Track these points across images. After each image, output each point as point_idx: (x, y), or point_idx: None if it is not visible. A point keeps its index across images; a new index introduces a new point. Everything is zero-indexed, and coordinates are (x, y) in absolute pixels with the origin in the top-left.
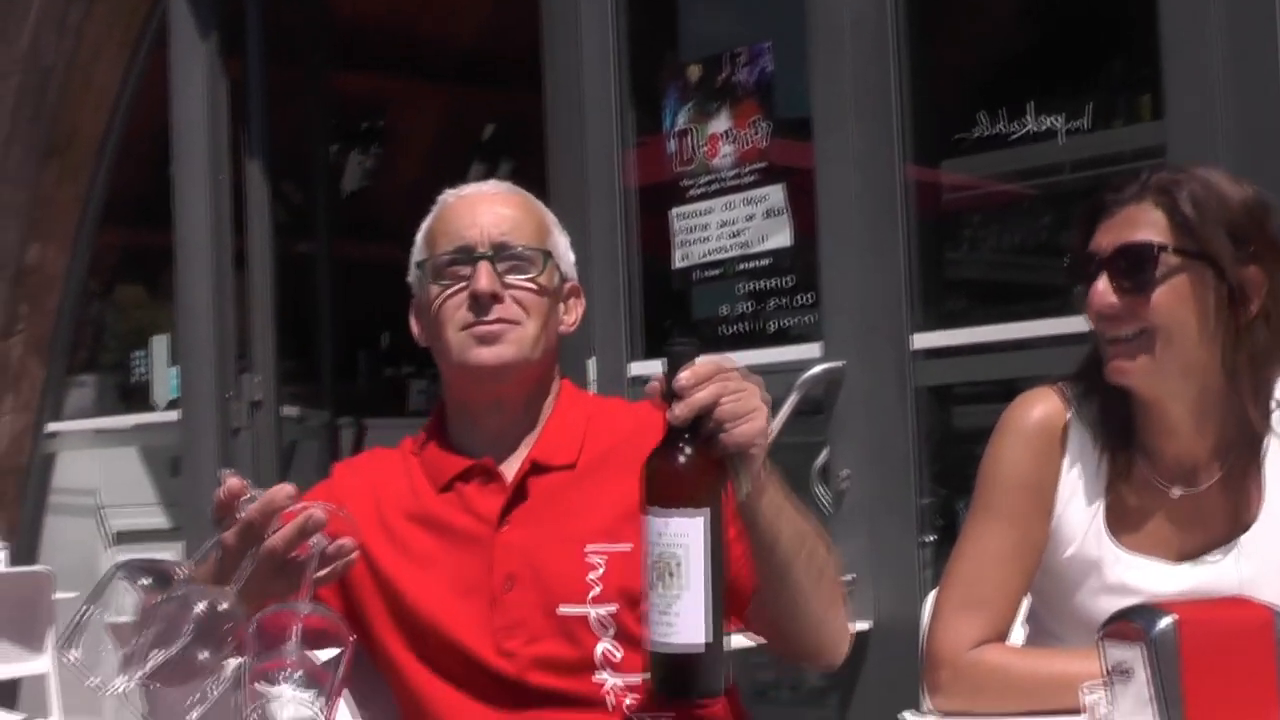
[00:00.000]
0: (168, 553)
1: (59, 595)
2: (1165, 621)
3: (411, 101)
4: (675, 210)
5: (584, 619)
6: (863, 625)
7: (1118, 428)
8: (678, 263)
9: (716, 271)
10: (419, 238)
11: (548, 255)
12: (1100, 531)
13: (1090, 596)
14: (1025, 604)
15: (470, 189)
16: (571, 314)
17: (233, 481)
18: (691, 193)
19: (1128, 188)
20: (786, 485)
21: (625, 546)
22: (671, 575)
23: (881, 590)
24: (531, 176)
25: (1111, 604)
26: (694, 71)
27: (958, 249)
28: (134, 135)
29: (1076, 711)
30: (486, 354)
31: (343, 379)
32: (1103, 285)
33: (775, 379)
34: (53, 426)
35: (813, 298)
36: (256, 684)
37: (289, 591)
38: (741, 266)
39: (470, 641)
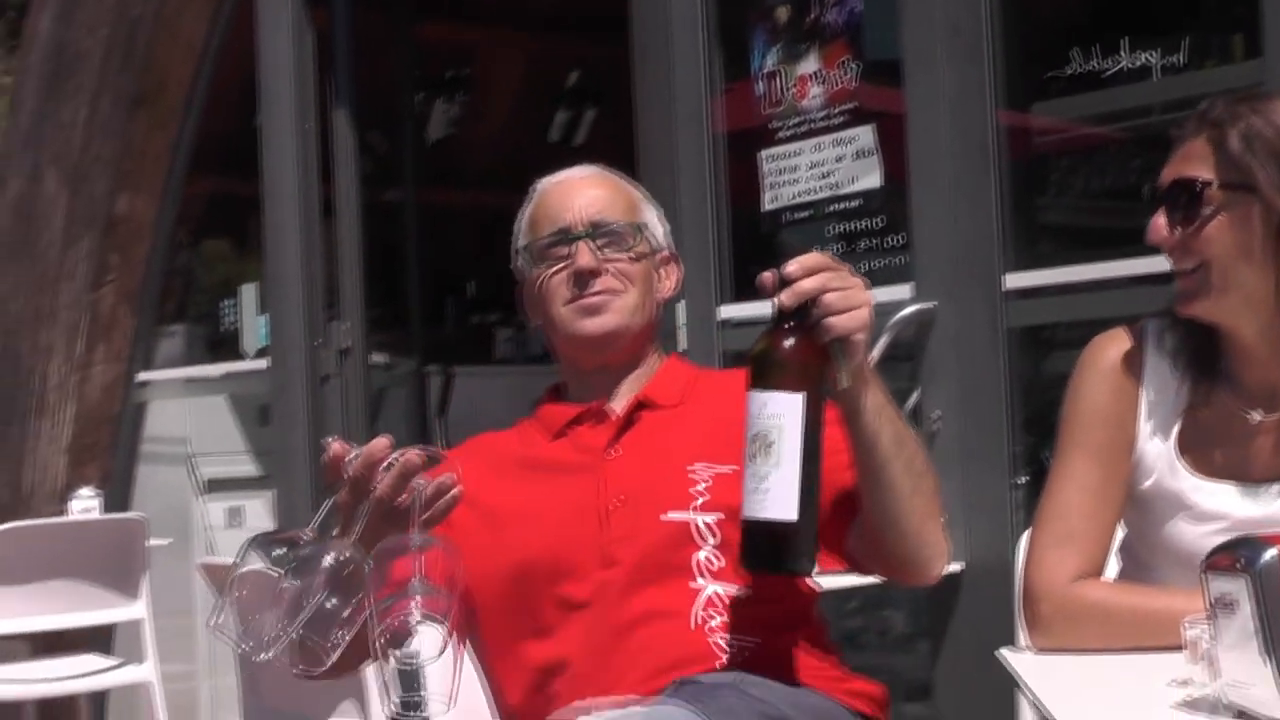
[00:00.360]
0: (258, 501)
1: (152, 542)
2: (1270, 553)
3: (497, 49)
4: (764, 153)
5: (687, 526)
6: (954, 567)
7: (1199, 357)
8: (767, 205)
9: (806, 214)
10: (519, 225)
11: (640, 228)
12: (1174, 461)
13: (1173, 525)
14: (1119, 537)
15: (563, 175)
16: (668, 281)
17: (335, 446)
18: (780, 135)
19: (1190, 122)
20: (888, 391)
21: (729, 468)
22: (768, 450)
23: (973, 532)
24: (618, 123)
25: (1193, 531)
26: (782, 13)
27: (1049, 191)
28: (221, 85)
29: (1176, 648)
30: (592, 324)
31: (430, 326)
32: (1159, 220)
33: None
34: (143, 376)
35: (903, 239)
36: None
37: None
38: (831, 208)
39: (578, 559)
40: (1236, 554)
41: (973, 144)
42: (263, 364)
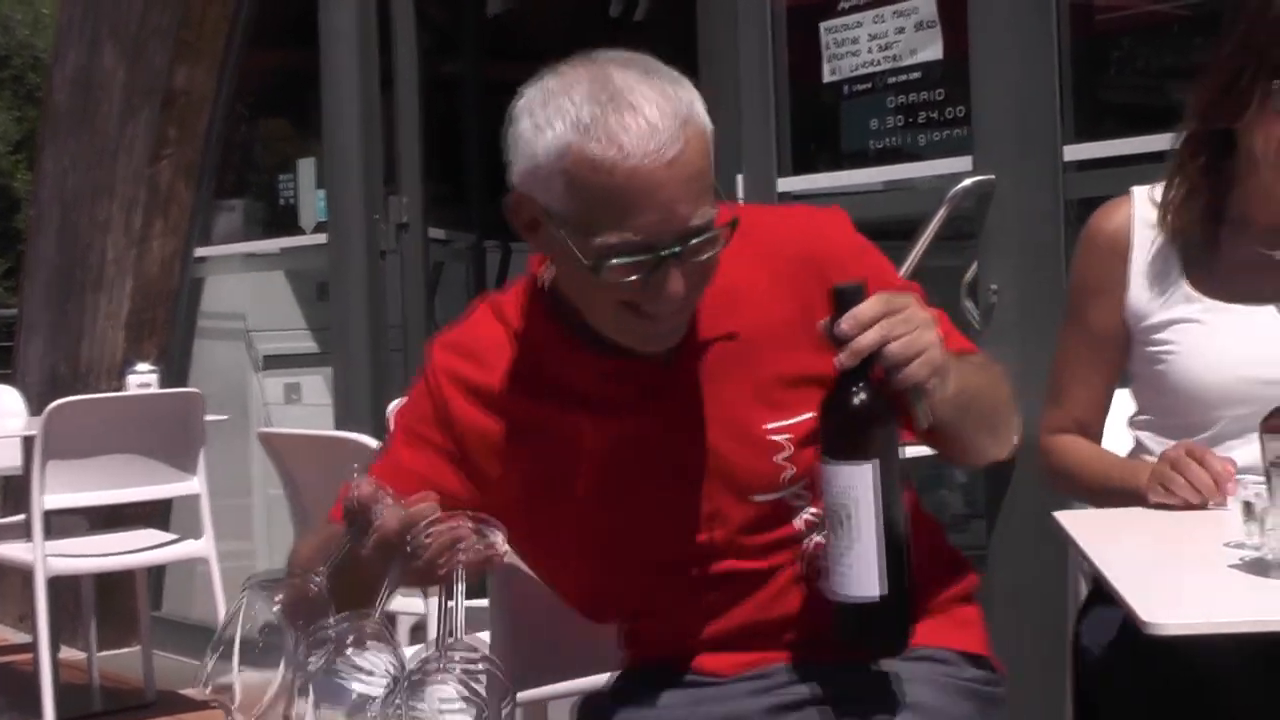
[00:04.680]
0: (316, 377)
1: (210, 417)
2: None
3: None
4: (824, 24)
5: (781, 502)
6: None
7: (1215, 208)
8: (827, 77)
9: (866, 85)
10: (560, 186)
11: (717, 195)
12: (1188, 291)
13: (1186, 356)
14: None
15: (638, 152)
16: None
17: (366, 488)
18: (841, 5)
19: None
20: (960, 365)
21: (805, 416)
22: (842, 526)
23: (1031, 405)
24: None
25: (1206, 358)
26: None
27: (1110, 65)
28: None
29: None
30: (655, 344)
31: (489, 201)
32: None
33: (924, 194)
34: (201, 251)
35: (963, 111)
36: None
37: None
38: (891, 80)
39: (659, 527)
40: None
41: (1034, 16)
42: (321, 239)
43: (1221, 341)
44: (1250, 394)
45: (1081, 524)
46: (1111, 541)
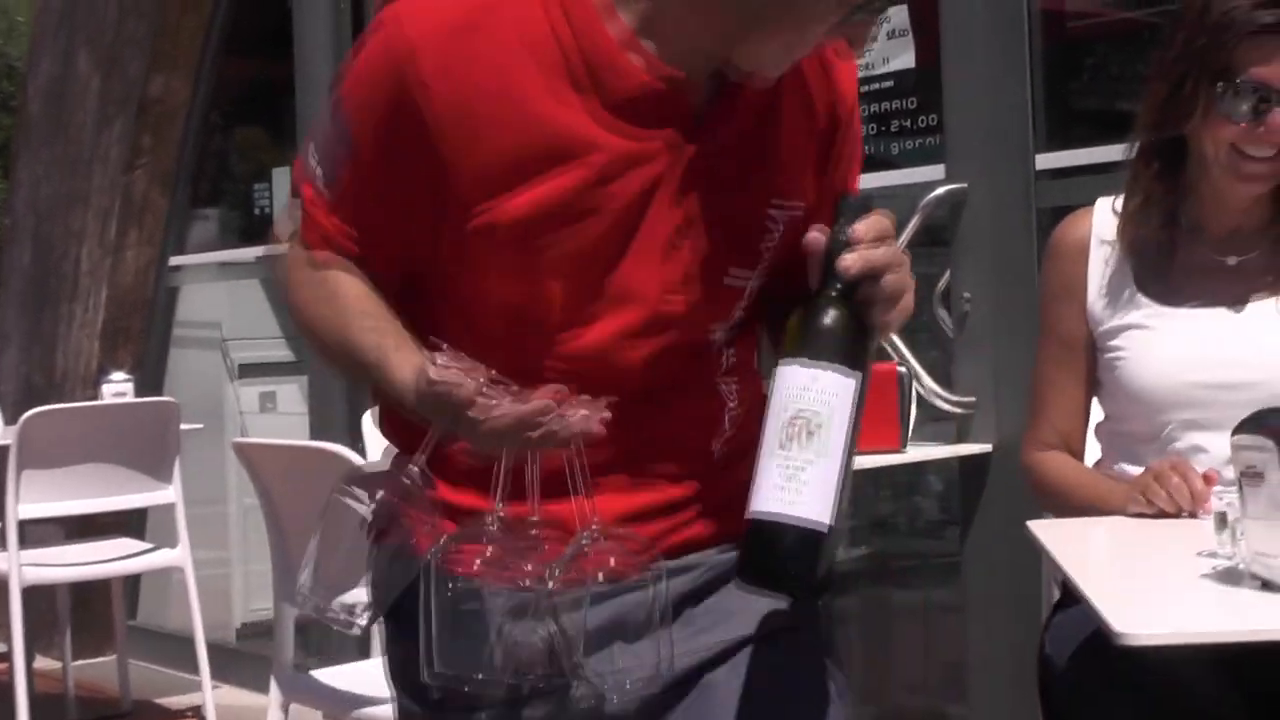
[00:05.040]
0: (292, 386)
1: (185, 426)
2: None
3: None
4: None
5: (741, 293)
6: (985, 447)
7: (1169, 215)
8: None
9: None
10: None
11: None
12: (1138, 296)
13: (1137, 361)
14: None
15: None
16: None
17: (467, 389)
18: None
19: (1275, 13)
20: None
21: (799, 207)
22: (809, 436)
23: (1003, 412)
24: None
25: (1157, 364)
26: None
27: (1082, 73)
28: None
29: None
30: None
31: None
32: (1277, 119)
33: (898, 201)
34: (176, 260)
35: (935, 120)
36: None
37: None
38: (864, 89)
39: (627, 286)
40: (1264, 424)
41: (1006, 25)
42: None
43: (1168, 347)
44: (1196, 398)
45: (1054, 533)
46: (1084, 551)
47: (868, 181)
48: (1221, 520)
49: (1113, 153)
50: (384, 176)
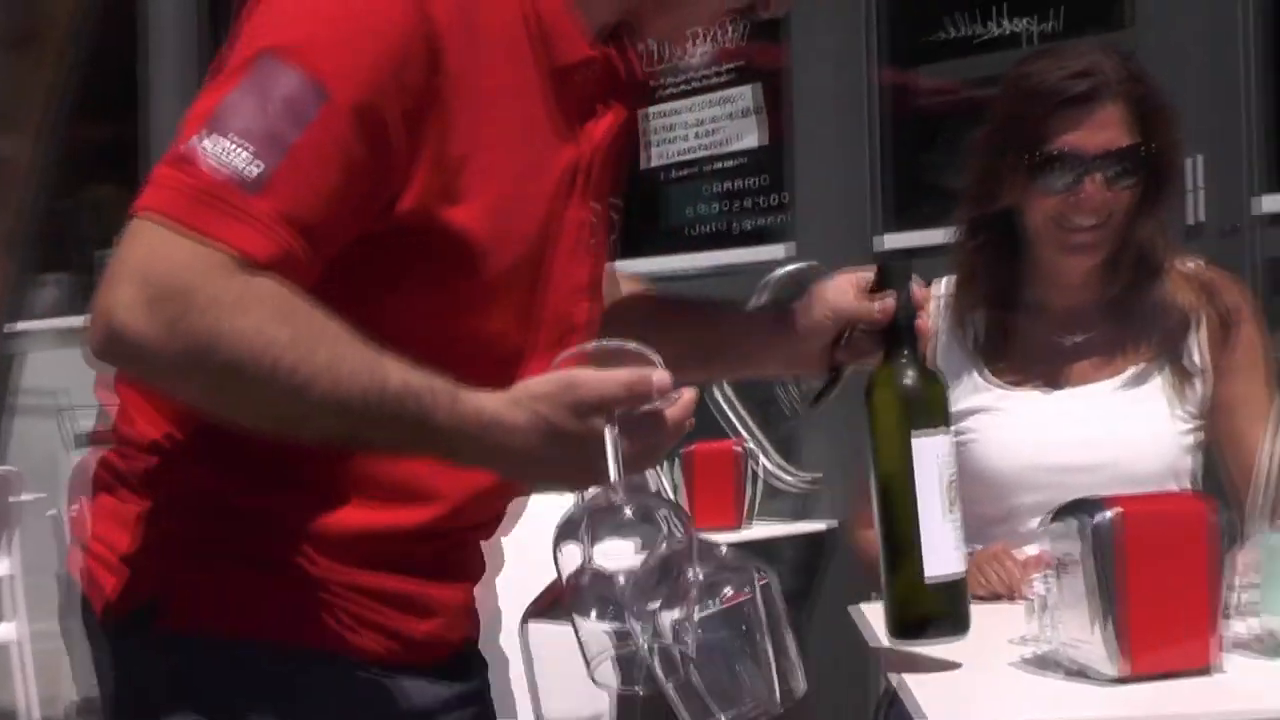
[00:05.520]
0: None
1: (24, 497)
2: (1107, 514)
3: None
4: (647, 110)
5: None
6: (829, 523)
7: (1003, 293)
8: (650, 162)
9: (688, 171)
10: None
11: None
12: (979, 379)
13: (979, 444)
14: None
15: None
16: None
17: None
18: (664, 92)
19: (1086, 82)
20: None
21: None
22: (958, 495)
23: (846, 492)
24: None
25: (994, 435)
26: None
27: (928, 151)
28: (108, 25)
29: None
30: None
31: None
32: (1093, 187)
33: (744, 279)
34: (19, 325)
35: (784, 198)
36: None
37: None
38: (713, 166)
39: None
40: (1076, 515)
41: (853, 105)
42: None
43: (1014, 430)
44: (1042, 480)
45: (879, 617)
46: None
47: (718, 258)
48: (1034, 605)
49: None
50: (358, 152)
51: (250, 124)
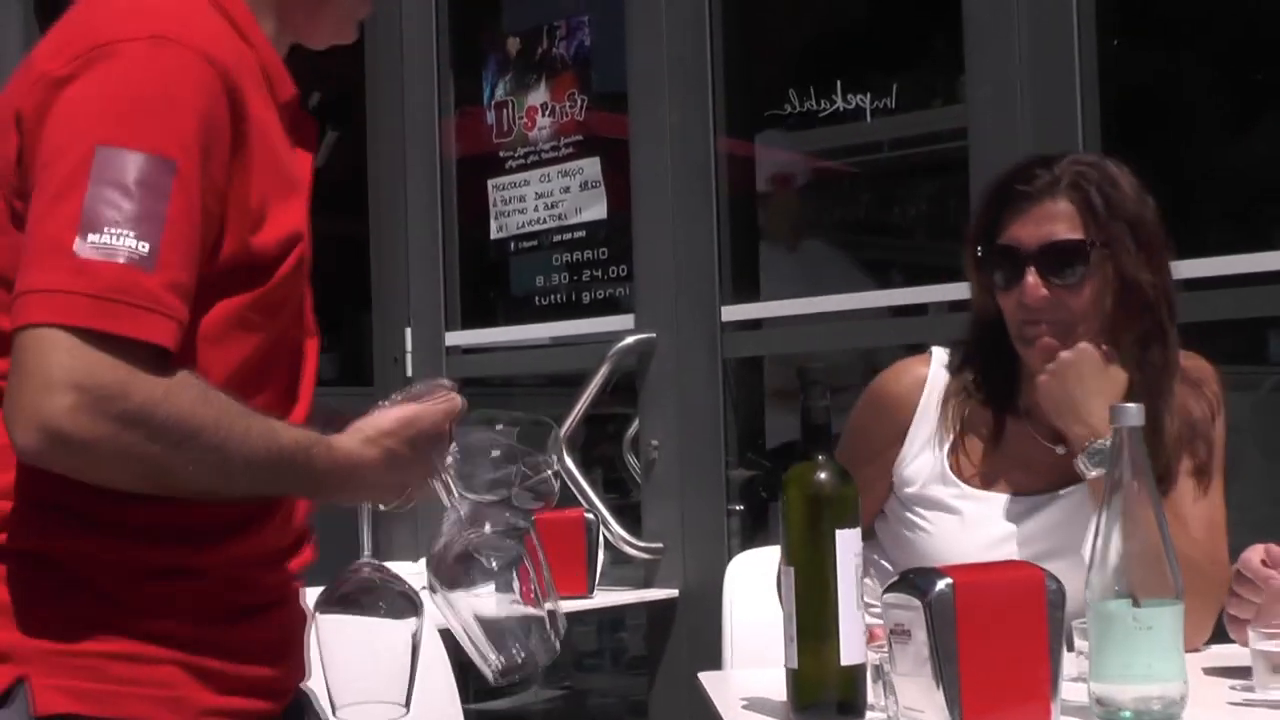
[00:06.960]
0: None
1: None
2: (942, 584)
3: None
4: (493, 181)
5: None
6: (671, 592)
7: (1001, 390)
8: (495, 233)
9: (533, 243)
10: None
11: None
12: (946, 474)
13: (938, 533)
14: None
15: None
16: None
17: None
18: (509, 164)
19: (1037, 179)
20: None
21: None
22: (862, 593)
23: (689, 558)
24: (352, 143)
25: (960, 535)
26: (513, 44)
27: (769, 223)
28: None
29: None
30: None
31: None
32: (1032, 280)
33: (588, 350)
34: None
35: (626, 270)
36: None
37: None
38: (557, 238)
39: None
40: (912, 585)
41: (694, 178)
42: None
43: (976, 536)
44: None
45: (720, 684)
46: (748, 705)
47: (565, 329)
48: (875, 673)
49: (800, 305)
50: (210, 206)
51: (120, 212)
